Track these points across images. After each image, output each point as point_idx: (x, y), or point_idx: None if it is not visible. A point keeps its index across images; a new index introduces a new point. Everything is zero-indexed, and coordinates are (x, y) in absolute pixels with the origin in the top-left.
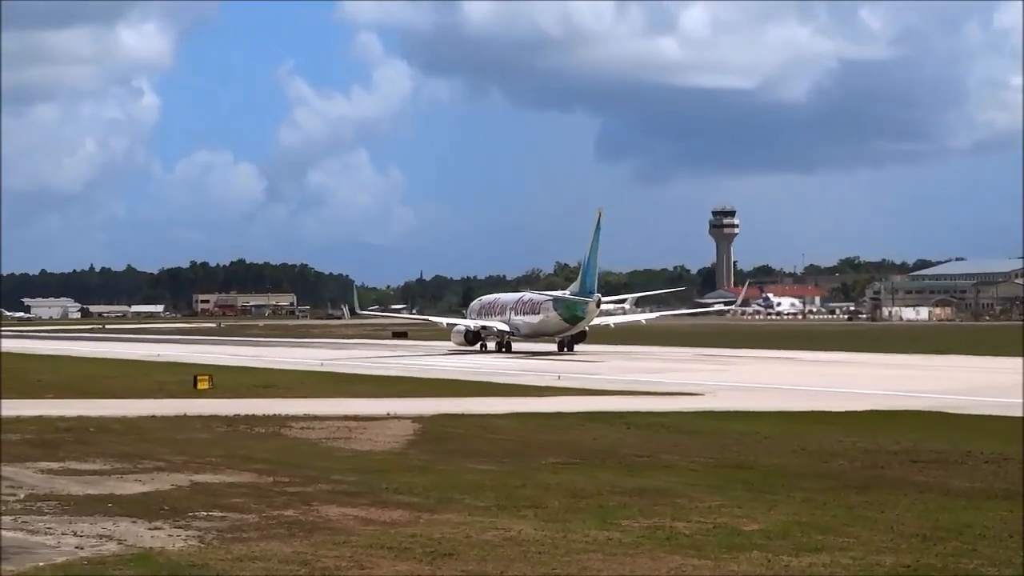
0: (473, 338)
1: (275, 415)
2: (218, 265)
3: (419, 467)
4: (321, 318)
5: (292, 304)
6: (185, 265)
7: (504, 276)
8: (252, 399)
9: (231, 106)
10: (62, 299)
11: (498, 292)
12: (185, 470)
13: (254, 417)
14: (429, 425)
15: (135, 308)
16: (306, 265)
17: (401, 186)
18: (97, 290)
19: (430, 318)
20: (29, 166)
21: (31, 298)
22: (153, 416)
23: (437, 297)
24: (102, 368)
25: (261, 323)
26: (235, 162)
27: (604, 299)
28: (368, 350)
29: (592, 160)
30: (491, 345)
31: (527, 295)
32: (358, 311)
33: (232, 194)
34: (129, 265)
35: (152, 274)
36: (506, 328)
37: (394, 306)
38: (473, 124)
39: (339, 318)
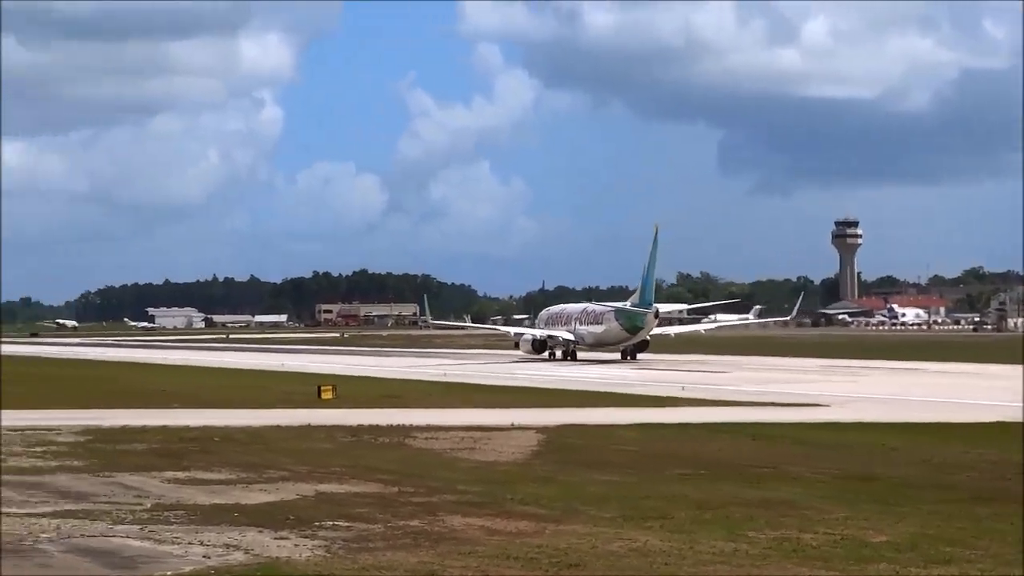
0: (540, 347)
1: (399, 425)
2: (340, 275)
3: (544, 478)
4: (441, 328)
5: (416, 314)
6: (308, 275)
7: (626, 286)
8: (376, 409)
9: (352, 117)
10: (186, 309)
11: (622, 302)
12: (310, 480)
13: (378, 427)
14: (553, 436)
15: (259, 318)
16: (428, 275)
17: (523, 197)
18: (221, 300)
19: (499, 328)
20: (152, 178)
21: (155, 308)
22: (277, 426)
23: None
24: (226, 378)
25: (384, 333)
26: (356, 173)
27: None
28: (485, 360)
29: (714, 171)
30: (558, 354)
31: (591, 306)
32: (430, 320)
33: (354, 205)
34: (252, 275)
35: (275, 284)
36: (571, 337)
37: (516, 316)
38: (594, 135)
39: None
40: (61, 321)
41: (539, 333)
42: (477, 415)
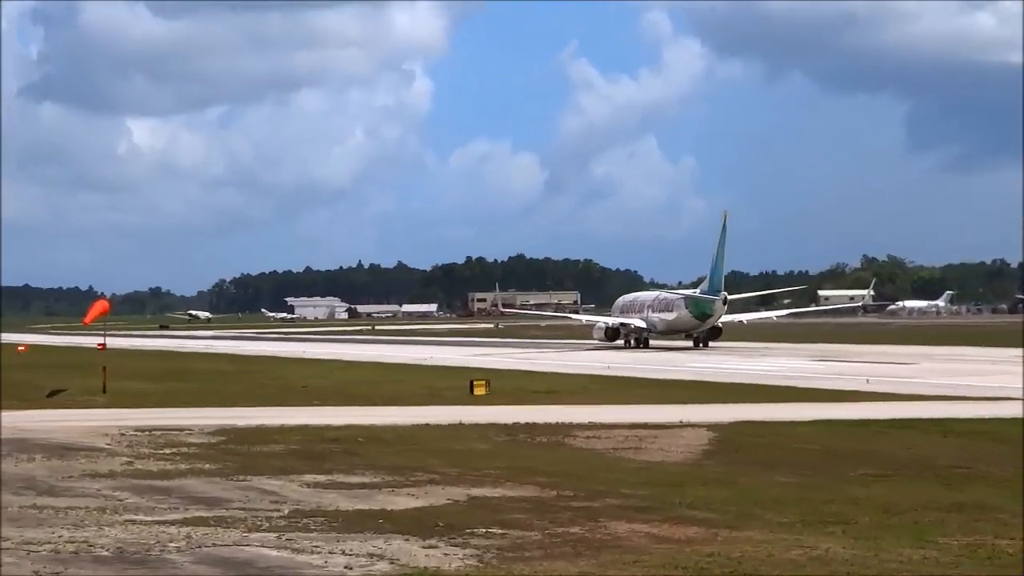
0: (612, 334)
1: (558, 423)
2: (495, 261)
3: (716, 480)
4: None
5: (576, 303)
6: (460, 261)
7: (806, 271)
8: (533, 406)
9: (509, 91)
10: (328, 299)
11: (799, 287)
12: (461, 483)
13: (535, 425)
14: (726, 433)
15: (406, 308)
16: (591, 261)
17: (693, 175)
18: (365, 288)
19: (570, 316)
20: (293, 158)
21: (295, 297)
22: (426, 424)
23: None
24: (371, 373)
25: (543, 323)
26: (513, 152)
27: (735, 296)
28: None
29: (901, 146)
30: (632, 342)
31: (663, 294)
32: (501, 308)
33: (510, 186)
34: (400, 262)
35: (424, 271)
36: (643, 325)
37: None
38: (771, 107)
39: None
40: (194, 312)
41: (611, 321)
42: (642, 411)
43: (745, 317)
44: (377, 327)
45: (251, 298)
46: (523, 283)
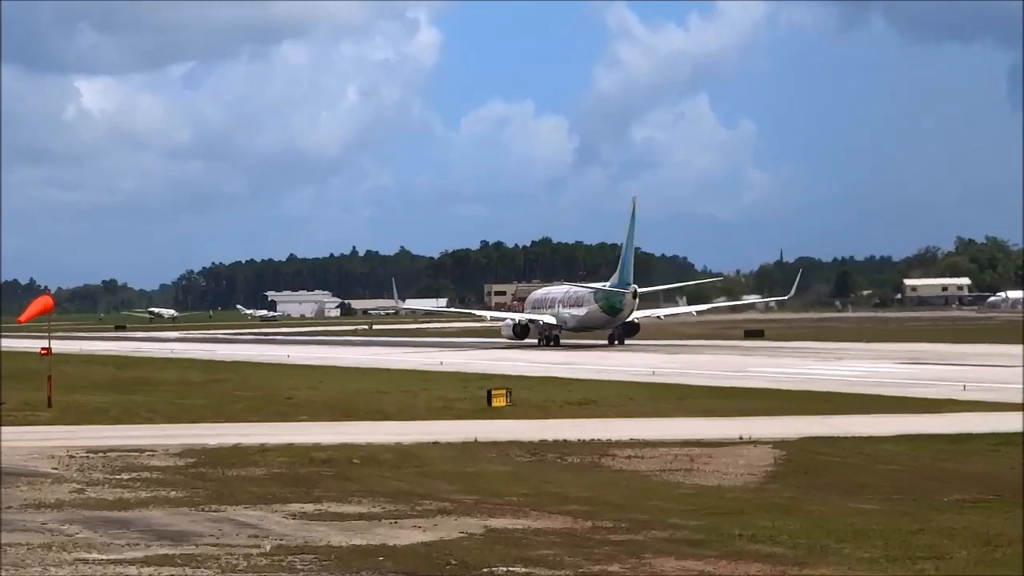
0: (521, 332)
1: (594, 440)
2: (517, 246)
3: (783, 507)
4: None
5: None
6: (474, 247)
7: (889, 257)
8: (564, 419)
9: (532, 43)
10: (316, 293)
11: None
12: (478, 513)
13: (566, 443)
14: (795, 451)
15: (410, 303)
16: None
17: (752, 142)
18: (361, 280)
19: (474, 312)
20: (275, 123)
21: (277, 291)
22: (436, 443)
23: (801, 284)
24: (370, 381)
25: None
26: (537, 115)
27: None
28: (702, 353)
29: (1001, 105)
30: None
31: (573, 288)
32: (402, 306)
33: (534, 156)
34: (402, 248)
35: (432, 259)
36: (553, 321)
37: (746, 298)
38: (847, 61)
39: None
40: (156, 310)
41: (519, 317)
42: (694, 425)
43: (662, 312)
44: (375, 326)
45: (224, 292)
46: (549, 272)
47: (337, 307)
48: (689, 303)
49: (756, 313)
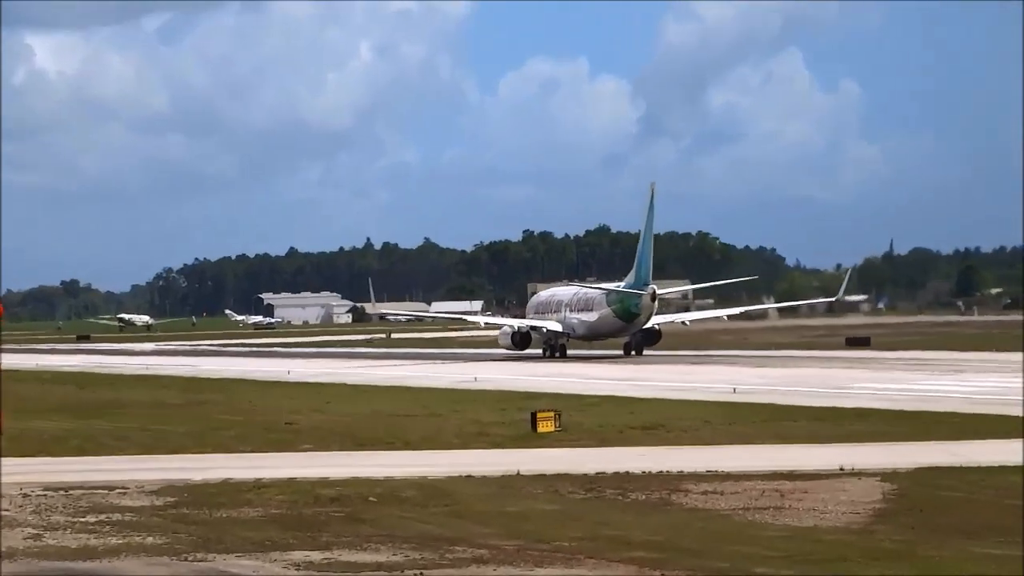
0: (522, 341)
1: (662, 472)
2: (567, 236)
3: (893, 552)
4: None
5: (687, 296)
6: (515, 238)
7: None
8: (624, 447)
9: None
10: (323, 294)
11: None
12: (521, 562)
13: (629, 476)
14: (907, 484)
15: (437, 307)
16: (707, 235)
17: (857, 108)
18: (377, 279)
19: (466, 316)
20: (272, 87)
21: (274, 293)
22: (468, 476)
23: (916, 282)
24: (388, 401)
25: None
26: (592, 76)
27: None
28: (795, 365)
29: None
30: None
31: (583, 290)
32: (377, 308)
33: (589, 126)
34: (427, 239)
35: (464, 253)
36: (559, 328)
37: (851, 296)
38: (978, 7)
39: (761, 316)
40: (127, 317)
41: (518, 324)
42: (786, 453)
43: (688, 317)
44: (394, 335)
45: (210, 295)
46: (607, 268)
47: (348, 312)
48: (778, 303)
49: (860, 317)
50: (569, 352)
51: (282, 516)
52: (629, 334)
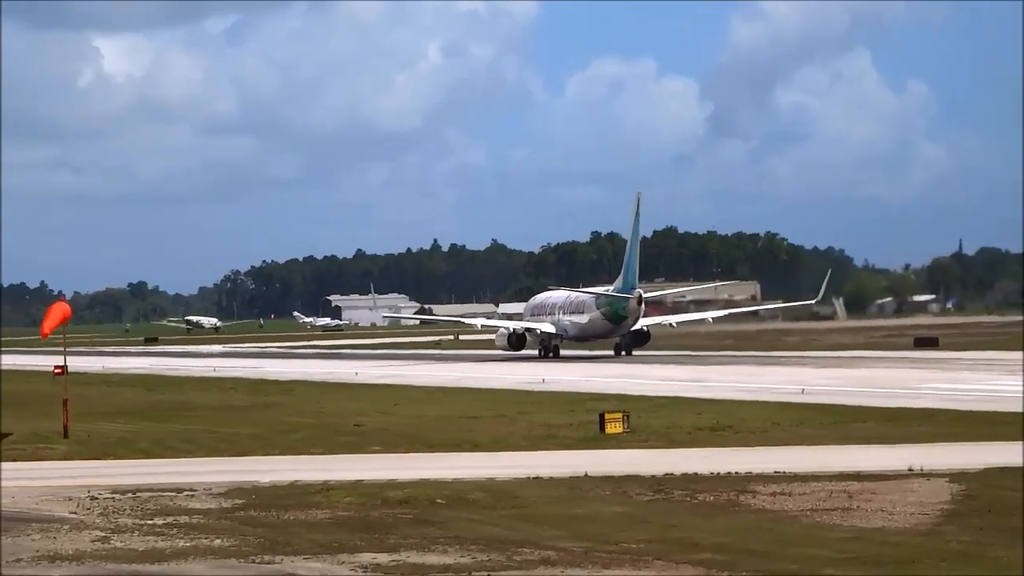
0: (518, 342)
1: (730, 474)
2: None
3: (962, 554)
4: (801, 318)
5: (754, 298)
6: (583, 239)
7: None
8: (693, 448)
9: None
10: (390, 296)
11: None
12: (588, 564)
13: (696, 477)
14: (975, 485)
15: (505, 308)
16: (775, 235)
17: (925, 108)
18: (445, 280)
19: (463, 319)
20: (338, 89)
21: (341, 295)
22: (536, 478)
23: (984, 282)
24: (455, 404)
25: (703, 328)
26: (659, 76)
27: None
28: (863, 366)
29: None
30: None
31: (574, 293)
32: (384, 315)
33: (655, 125)
34: (494, 240)
35: (532, 254)
36: (552, 330)
37: (917, 296)
38: None
39: (829, 317)
40: (195, 319)
41: (513, 326)
42: (854, 455)
43: (675, 319)
44: (462, 336)
45: (277, 297)
46: (676, 269)
47: (415, 313)
48: (847, 306)
49: (928, 317)
50: (563, 352)
51: (350, 518)
52: (618, 335)
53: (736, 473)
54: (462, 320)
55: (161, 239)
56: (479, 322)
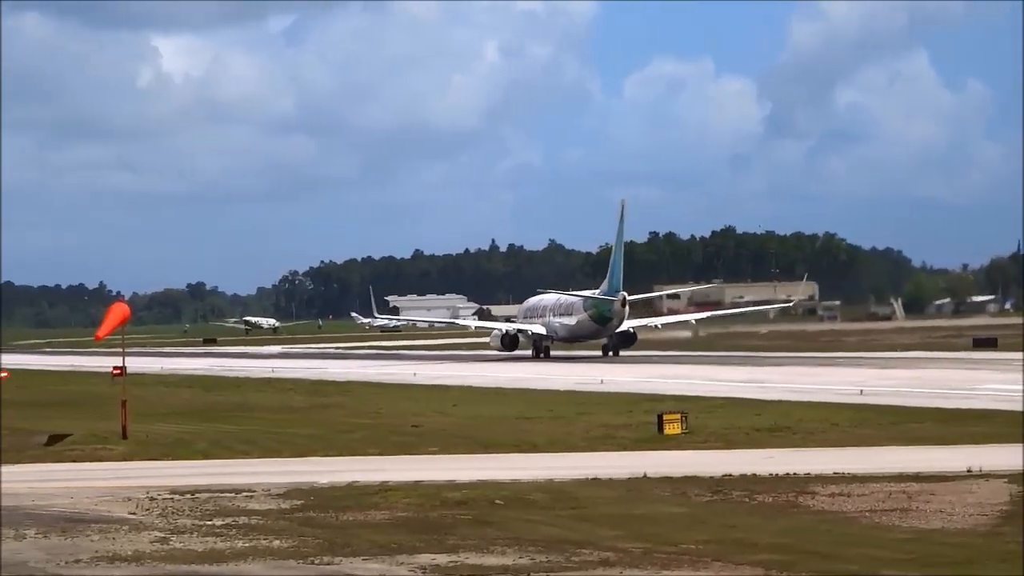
0: (511, 343)
1: (789, 475)
2: (693, 238)
3: (1020, 555)
4: (860, 319)
5: (813, 298)
6: (640, 239)
7: None
8: (752, 449)
9: None
10: (448, 297)
11: None
12: (648, 564)
13: (755, 478)
14: None
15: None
16: (834, 236)
17: (984, 108)
18: (503, 280)
19: (457, 321)
20: (396, 88)
21: (399, 295)
22: (594, 479)
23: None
24: (513, 405)
25: (763, 328)
26: (717, 76)
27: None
28: (921, 367)
29: None
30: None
31: (564, 296)
32: (376, 315)
33: (714, 127)
34: (552, 241)
35: (589, 255)
36: (543, 331)
37: (975, 297)
38: None
39: (888, 318)
40: (253, 319)
41: (506, 328)
42: (912, 455)
43: (659, 321)
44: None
45: (335, 297)
46: (734, 269)
47: (473, 314)
48: (906, 308)
49: (987, 318)
50: (553, 353)
51: (408, 519)
52: (605, 336)
53: (795, 474)
54: (456, 322)
55: (220, 239)
56: (473, 324)
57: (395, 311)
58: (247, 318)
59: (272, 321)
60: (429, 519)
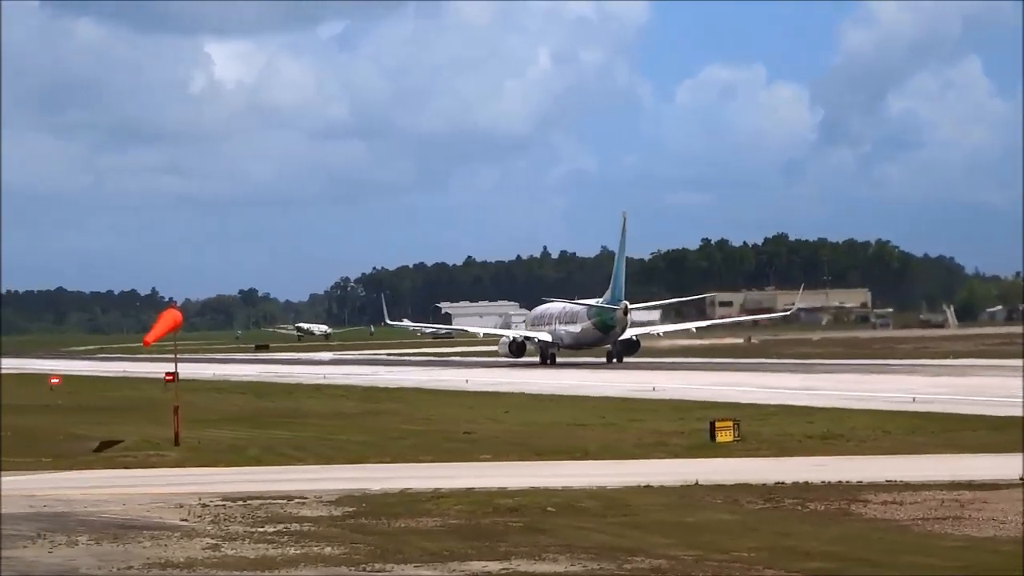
0: (518, 349)
1: (841, 482)
2: (745, 245)
3: None
4: (912, 326)
5: (865, 305)
6: (693, 246)
7: None
8: (804, 457)
9: None
10: (500, 303)
11: None
12: (699, 572)
13: (807, 486)
14: None
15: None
16: (886, 243)
17: None
18: (555, 287)
19: (468, 328)
20: (448, 94)
21: (452, 302)
22: (646, 486)
23: None
24: (565, 411)
25: (815, 335)
26: (769, 82)
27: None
28: (974, 374)
29: None
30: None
31: (569, 305)
32: (388, 322)
33: (766, 133)
34: (604, 247)
35: (642, 261)
36: (549, 339)
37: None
38: None
39: (940, 325)
40: (305, 326)
41: (514, 335)
42: (965, 463)
43: (661, 329)
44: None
45: (388, 304)
46: (786, 276)
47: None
48: (958, 315)
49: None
50: (559, 359)
51: (460, 526)
52: (609, 343)
53: (847, 482)
54: (467, 329)
55: (272, 244)
56: (482, 331)
57: (447, 318)
58: (299, 324)
59: (324, 327)
60: (481, 526)
